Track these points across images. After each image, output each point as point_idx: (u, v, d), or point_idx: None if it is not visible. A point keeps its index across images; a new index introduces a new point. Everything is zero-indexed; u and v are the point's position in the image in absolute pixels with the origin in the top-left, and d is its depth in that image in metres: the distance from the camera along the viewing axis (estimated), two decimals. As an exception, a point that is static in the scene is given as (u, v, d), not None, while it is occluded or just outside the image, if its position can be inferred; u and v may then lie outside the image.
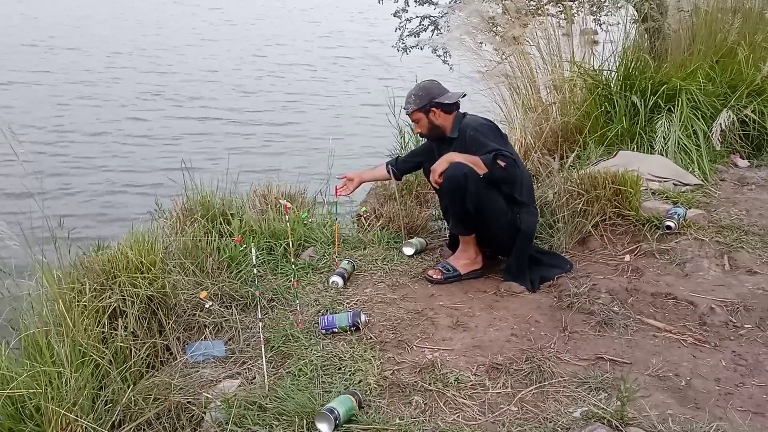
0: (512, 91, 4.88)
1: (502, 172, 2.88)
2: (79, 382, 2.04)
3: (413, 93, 3.16)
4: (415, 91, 3.16)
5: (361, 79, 10.90)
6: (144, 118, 8.71)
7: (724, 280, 2.96)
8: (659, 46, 4.89)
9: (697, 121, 4.16)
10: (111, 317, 2.52)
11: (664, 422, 2.05)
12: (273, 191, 3.86)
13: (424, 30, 6.62)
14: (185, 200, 3.58)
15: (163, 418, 2.19)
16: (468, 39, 4.93)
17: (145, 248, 2.73)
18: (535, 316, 2.80)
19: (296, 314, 2.78)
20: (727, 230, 3.31)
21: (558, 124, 4.50)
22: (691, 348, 2.53)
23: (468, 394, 2.26)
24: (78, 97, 9.44)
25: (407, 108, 3.18)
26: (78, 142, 7.64)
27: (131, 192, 6.25)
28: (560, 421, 2.09)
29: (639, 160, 3.89)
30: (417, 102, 3.13)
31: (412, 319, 2.77)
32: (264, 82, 11.00)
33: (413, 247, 3.43)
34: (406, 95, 3.19)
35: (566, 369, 2.40)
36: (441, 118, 3.14)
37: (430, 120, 3.14)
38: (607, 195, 3.33)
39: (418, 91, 3.15)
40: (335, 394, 2.21)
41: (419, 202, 4.05)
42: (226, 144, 7.50)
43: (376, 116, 6.96)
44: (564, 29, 5.02)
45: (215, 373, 2.45)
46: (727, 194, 3.81)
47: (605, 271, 3.12)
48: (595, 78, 4.58)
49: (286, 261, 3.27)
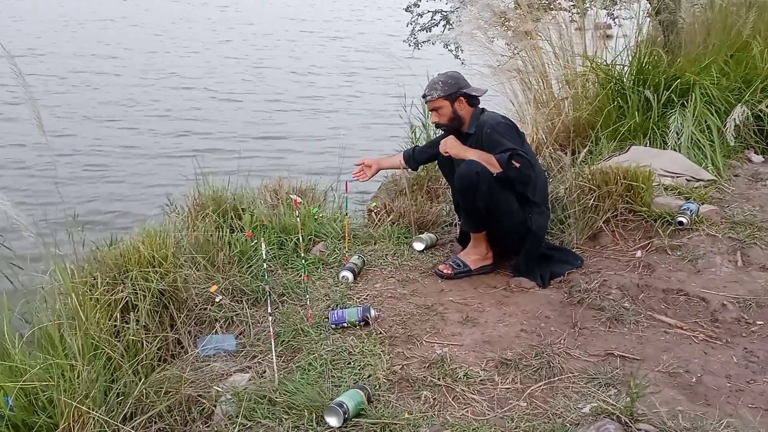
0: (524, 86, 4.85)
1: (516, 173, 2.86)
2: (92, 375, 2.06)
3: (440, 80, 3.06)
4: (443, 79, 3.07)
5: (373, 76, 10.90)
6: (155, 113, 8.78)
7: (736, 276, 2.94)
8: (673, 40, 4.86)
9: (711, 116, 4.12)
10: (123, 311, 2.53)
11: (674, 418, 2.04)
12: (284, 186, 3.87)
13: (436, 25, 6.61)
14: (197, 195, 3.60)
15: (174, 411, 2.20)
16: (479, 34, 4.90)
17: (157, 243, 2.75)
18: (545, 311, 2.79)
19: (306, 309, 2.79)
20: (740, 226, 3.28)
21: (570, 119, 4.47)
22: (703, 344, 2.51)
23: (477, 389, 2.27)
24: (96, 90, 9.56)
25: (432, 94, 3.06)
26: (92, 137, 7.72)
27: (143, 187, 6.30)
28: (569, 416, 2.09)
29: (651, 155, 3.86)
30: (444, 89, 3.03)
31: (422, 315, 2.77)
32: (277, 77, 11.03)
33: (423, 242, 3.43)
34: (430, 82, 3.10)
35: (576, 365, 2.40)
36: (464, 110, 3.07)
37: (454, 109, 3.06)
38: (619, 191, 3.31)
39: (447, 78, 3.06)
40: (344, 388, 2.22)
41: (430, 198, 4.04)
42: (238, 139, 7.54)
43: (388, 112, 6.97)
44: (576, 23, 4.99)
45: (226, 367, 2.47)
46: (740, 190, 3.78)
47: (616, 266, 3.10)
48: (608, 73, 4.55)
49: (296, 256, 3.28)
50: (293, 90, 10.26)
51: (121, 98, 9.27)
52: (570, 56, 4.77)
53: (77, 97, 9.26)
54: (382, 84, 9.55)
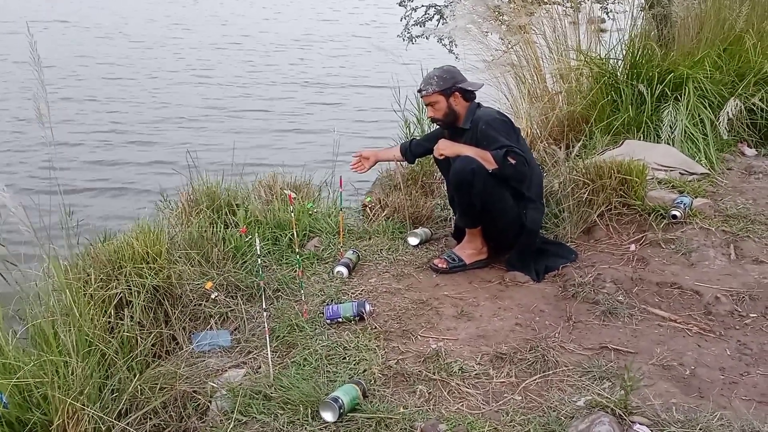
0: (518, 80, 4.85)
1: (511, 170, 2.86)
2: (86, 371, 2.05)
3: (436, 75, 3.05)
4: (439, 73, 3.05)
5: (366, 69, 10.89)
6: (149, 107, 8.75)
7: (729, 269, 2.95)
8: (666, 34, 4.85)
9: (704, 109, 4.13)
10: (117, 307, 2.53)
11: (667, 411, 2.06)
12: (278, 182, 3.87)
13: (430, 19, 6.60)
14: (191, 191, 3.59)
15: (170, 407, 2.20)
16: (473, 28, 4.90)
17: (151, 239, 2.75)
18: (540, 305, 2.80)
19: (301, 304, 2.79)
20: (733, 219, 3.30)
21: (564, 113, 4.47)
22: (696, 337, 2.53)
23: (472, 383, 2.27)
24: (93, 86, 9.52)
25: (427, 89, 3.05)
26: (88, 131, 7.71)
27: (136, 184, 6.28)
28: (564, 410, 2.09)
29: (645, 149, 3.87)
30: (440, 84, 3.02)
31: (417, 309, 2.77)
32: (270, 72, 11.00)
33: (418, 237, 3.43)
34: (425, 77, 3.09)
35: (570, 358, 2.41)
36: (460, 105, 3.06)
37: (449, 104, 3.05)
38: (613, 184, 3.31)
39: (443, 73, 3.05)
40: (340, 383, 2.22)
41: (424, 193, 4.04)
42: (231, 135, 7.50)
43: (381, 106, 6.95)
44: (570, 17, 4.99)
45: (221, 363, 2.47)
46: (733, 183, 3.79)
47: (610, 260, 3.11)
48: (602, 67, 4.56)
49: (291, 251, 3.28)
50: (286, 83, 10.24)
51: (119, 91, 9.28)
52: (564, 50, 4.77)
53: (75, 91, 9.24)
54: (376, 77, 9.55)
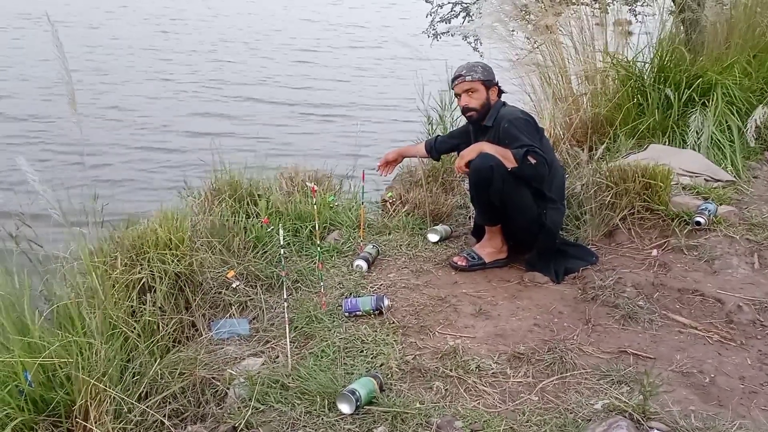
0: (543, 80, 4.82)
1: (531, 170, 2.85)
2: (109, 354, 2.08)
3: (480, 65, 3.13)
4: (483, 64, 3.15)
5: (391, 66, 10.88)
6: (177, 98, 8.83)
7: (753, 278, 2.92)
8: (695, 39, 4.79)
9: (732, 116, 4.08)
10: (140, 292, 2.57)
11: (686, 418, 2.04)
12: (300, 174, 3.88)
13: (456, 16, 6.57)
14: (213, 180, 3.62)
15: (188, 392, 2.23)
16: (500, 26, 4.87)
17: (174, 226, 2.78)
18: (559, 307, 2.79)
19: (320, 296, 2.81)
20: (758, 228, 3.26)
21: (588, 115, 4.44)
22: (717, 345, 2.50)
23: (489, 381, 2.27)
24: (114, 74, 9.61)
25: (472, 75, 3.06)
26: (114, 119, 7.79)
27: (161, 170, 6.34)
28: (581, 412, 2.09)
29: (670, 154, 3.83)
30: (484, 74, 3.08)
31: (435, 306, 2.78)
32: (295, 66, 11.04)
33: (438, 234, 3.43)
34: (467, 65, 3.12)
35: (588, 361, 2.40)
36: (494, 100, 3.12)
37: (488, 95, 3.09)
38: (637, 188, 3.28)
39: (486, 66, 3.15)
40: (357, 376, 2.23)
41: (445, 189, 4.04)
42: (256, 126, 7.56)
43: (403, 103, 6.96)
44: (598, 19, 4.94)
45: (239, 351, 2.50)
46: (759, 192, 3.74)
47: (631, 264, 3.09)
48: (628, 69, 4.51)
49: (311, 243, 3.30)
50: (310, 77, 10.27)
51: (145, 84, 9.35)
52: (590, 52, 4.73)
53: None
54: (401, 73, 9.55)
